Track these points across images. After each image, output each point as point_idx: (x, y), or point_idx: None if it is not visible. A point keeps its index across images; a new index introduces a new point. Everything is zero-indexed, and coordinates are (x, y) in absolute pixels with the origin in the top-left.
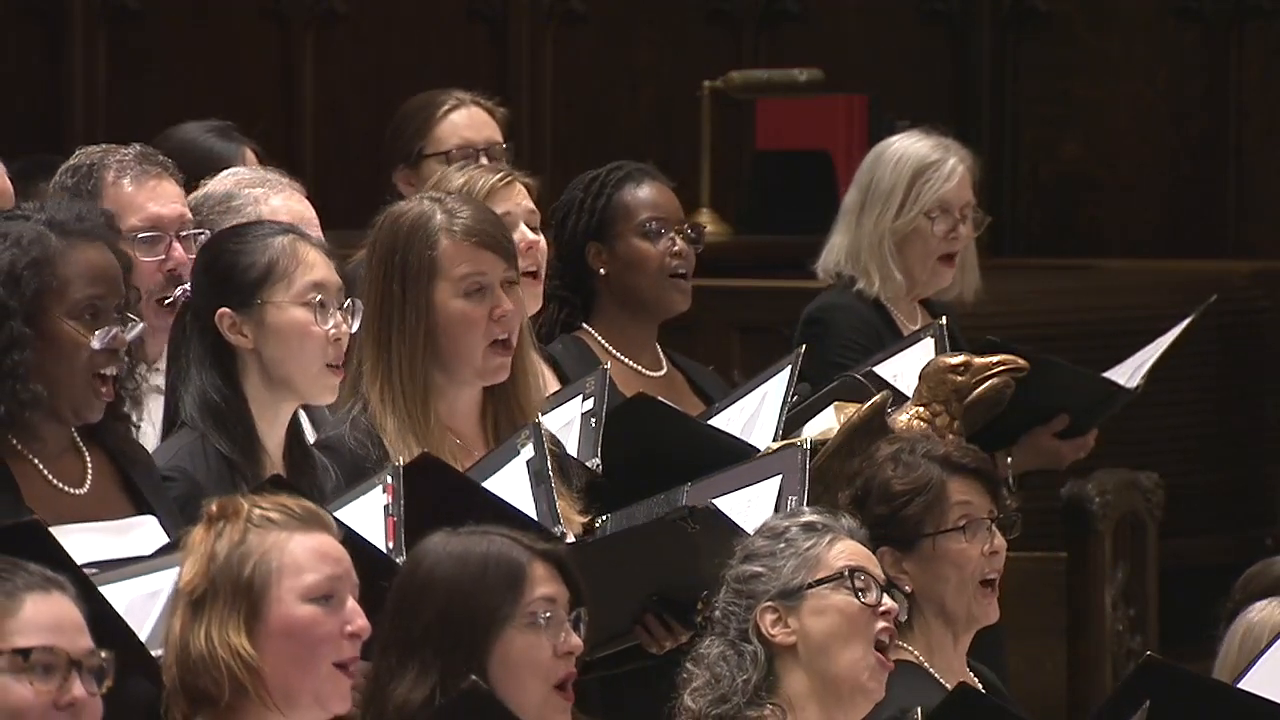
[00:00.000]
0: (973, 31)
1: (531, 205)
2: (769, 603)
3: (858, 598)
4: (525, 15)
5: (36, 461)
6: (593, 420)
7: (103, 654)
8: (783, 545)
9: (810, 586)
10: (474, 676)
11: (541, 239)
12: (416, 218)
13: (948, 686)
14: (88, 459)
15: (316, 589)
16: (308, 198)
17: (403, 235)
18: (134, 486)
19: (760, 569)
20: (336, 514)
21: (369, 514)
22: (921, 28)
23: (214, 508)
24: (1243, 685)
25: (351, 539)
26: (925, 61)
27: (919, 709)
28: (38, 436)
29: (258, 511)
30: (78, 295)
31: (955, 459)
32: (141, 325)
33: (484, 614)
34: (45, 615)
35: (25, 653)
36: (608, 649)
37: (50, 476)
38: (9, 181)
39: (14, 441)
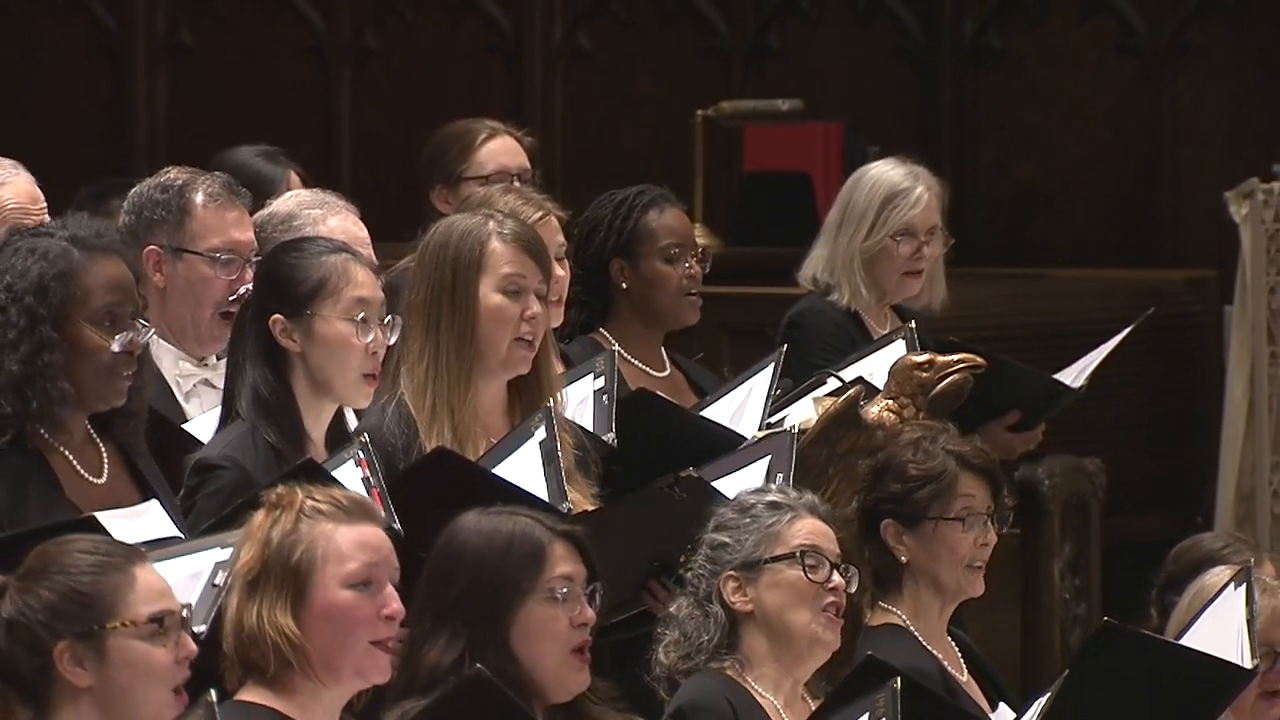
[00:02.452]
0: (936, 66)
1: (562, 239)
2: (731, 572)
3: (807, 575)
4: (537, 50)
5: (66, 453)
6: (604, 397)
7: (184, 608)
8: (748, 520)
9: (768, 561)
10: (490, 653)
11: (565, 271)
12: (471, 223)
13: (929, 648)
14: (103, 451)
15: (356, 576)
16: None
17: (456, 235)
18: (140, 476)
19: (727, 539)
20: None
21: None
22: (891, 63)
23: (273, 496)
24: (1185, 639)
25: None
26: (894, 93)
27: (898, 679)
28: (65, 429)
29: (310, 503)
30: (98, 303)
31: (969, 457)
32: (152, 330)
33: (507, 588)
34: (154, 583)
35: (159, 619)
36: (619, 615)
37: (78, 467)
38: (38, 189)
39: (45, 435)
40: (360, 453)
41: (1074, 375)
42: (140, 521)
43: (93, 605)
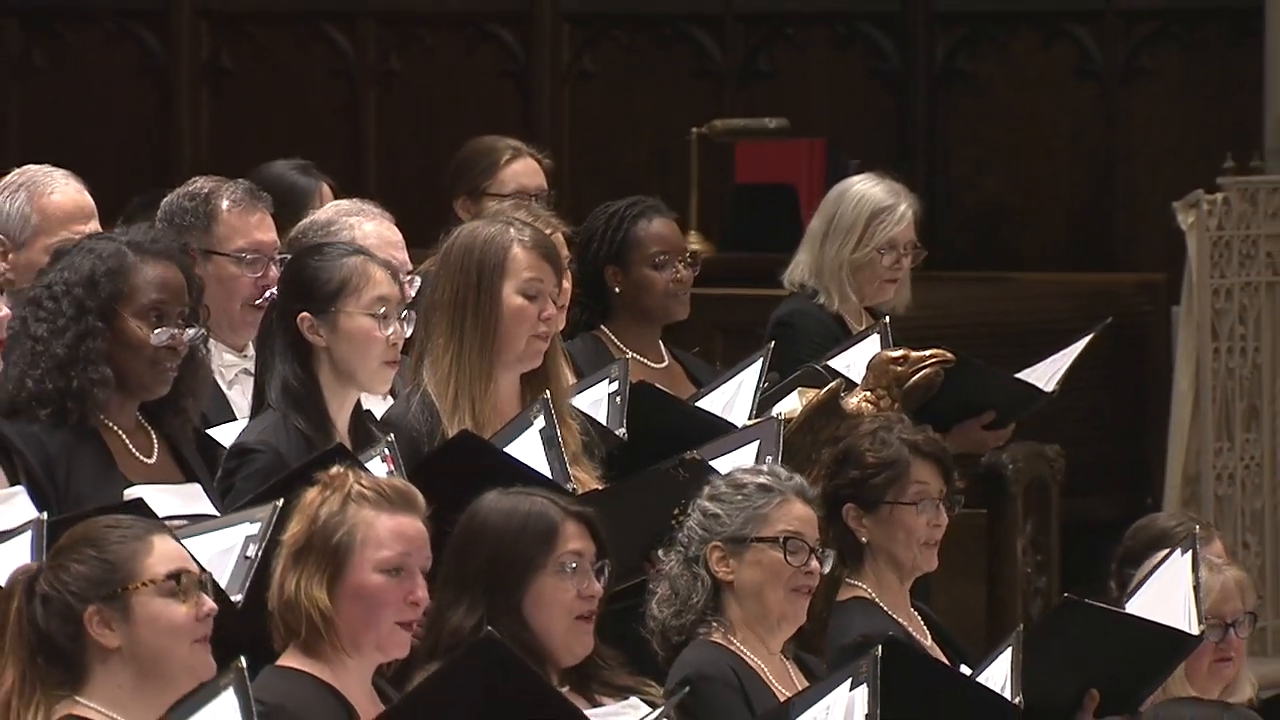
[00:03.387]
0: (911, 88)
1: (567, 252)
2: (718, 543)
3: (788, 559)
4: (546, 73)
5: (120, 434)
6: (618, 399)
7: (204, 572)
8: (740, 497)
9: (753, 541)
10: (500, 621)
11: (569, 284)
12: (493, 230)
13: (895, 618)
14: (153, 436)
15: (389, 563)
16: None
17: (480, 241)
18: (184, 460)
19: (719, 511)
20: None
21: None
22: (869, 84)
23: (327, 476)
24: (1134, 602)
25: None
26: (872, 112)
27: (880, 647)
28: (116, 412)
29: (358, 488)
30: (144, 300)
31: (922, 445)
32: (201, 330)
33: (522, 561)
34: (169, 547)
35: (176, 576)
36: (623, 584)
37: (129, 445)
38: (88, 198)
39: (103, 418)
40: (386, 449)
41: (1045, 378)
42: (184, 498)
43: (115, 570)
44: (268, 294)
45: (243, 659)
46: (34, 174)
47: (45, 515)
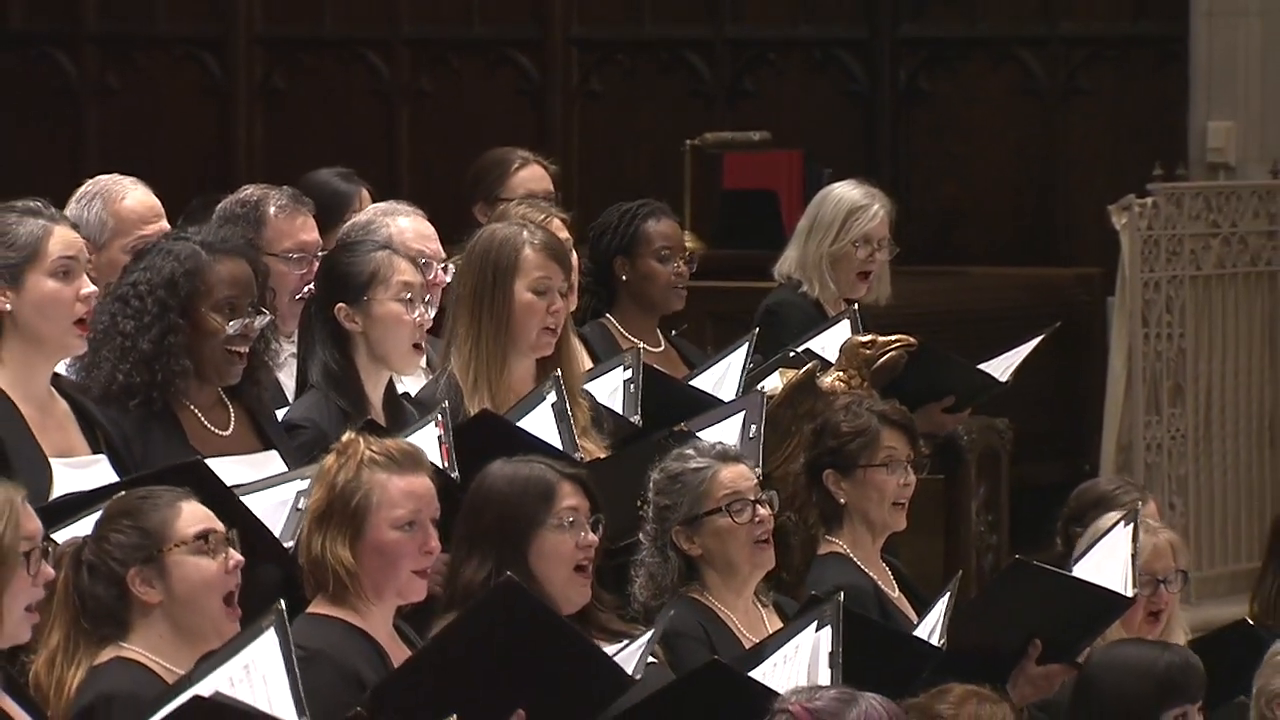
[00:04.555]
0: (877, 105)
1: (567, 234)
2: (678, 526)
3: (735, 520)
4: (558, 93)
5: (195, 411)
6: (632, 386)
7: (230, 529)
8: (678, 485)
9: (703, 516)
10: (510, 572)
11: (576, 259)
12: (507, 233)
13: (867, 571)
14: (231, 411)
15: (403, 520)
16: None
17: (496, 243)
18: (263, 430)
19: (669, 502)
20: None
21: (428, 442)
22: (841, 102)
23: (341, 444)
24: (1080, 567)
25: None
26: (844, 126)
27: (842, 593)
28: (195, 394)
29: (369, 454)
30: (219, 295)
31: (889, 414)
32: (269, 317)
33: (525, 519)
34: (197, 510)
35: (204, 535)
36: (622, 541)
37: (205, 422)
38: (156, 200)
39: (181, 398)
40: (439, 415)
41: (1001, 370)
42: (258, 467)
43: (151, 535)
44: (307, 289)
45: (282, 602)
46: (107, 183)
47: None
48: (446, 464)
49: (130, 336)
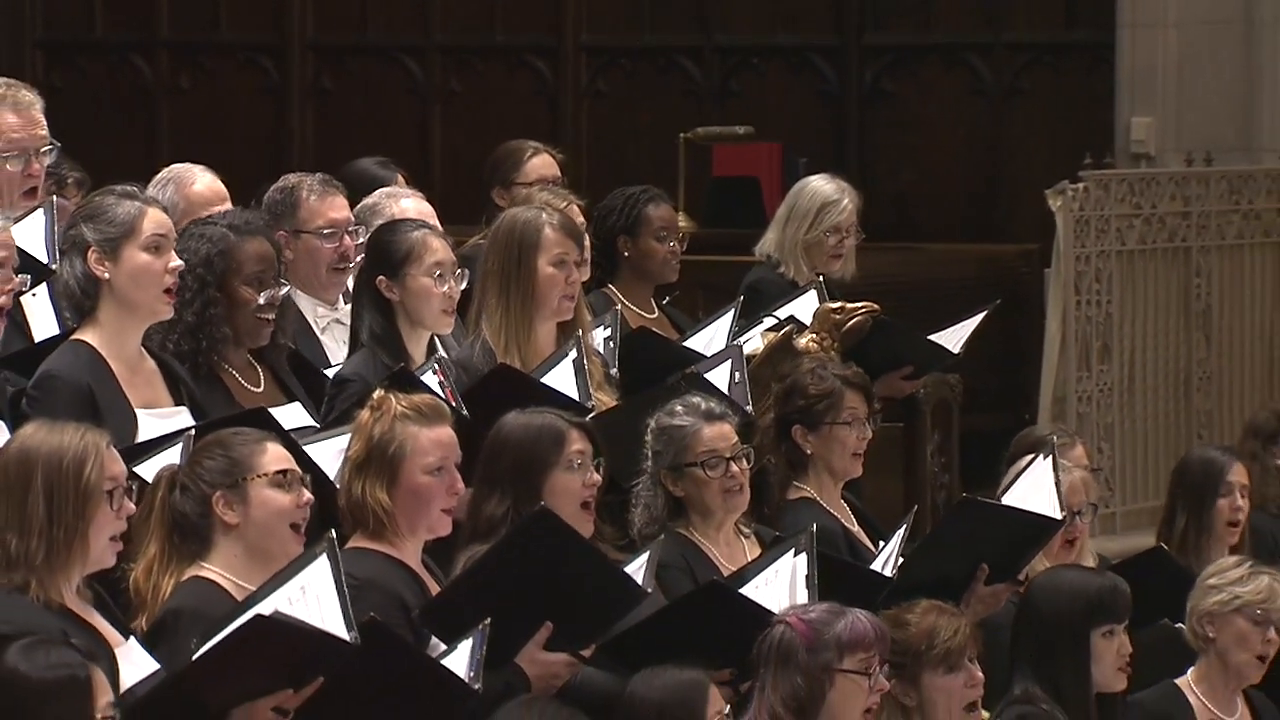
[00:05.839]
0: (846, 104)
1: (582, 219)
2: (665, 471)
3: (708, 474)
4: (569, 92)
5: (233, 371)
6: (610, 343)
7: (306, 473)
8: (666, 437)
9: (685, 466)
10: (543, 503)
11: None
12: (529, 215)
13: (830, 511)
14: (260, 371)
15: (432, 466)
16: (429, 200)
17: (520, 224)
18: (285, 385)
19: (659, 449)
20: None
21: (432, 385)
22: (815, 101)
23: (375, 399)
24: (1009, 495)
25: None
26: (816, 122)
27: (815, 524)
28: (231, 357)
29: (400, 409)
30: (249, 271)
31: (850, 378)
32: (289, 287)
33: (538, 461)
34: (278, 450)
35: (283, 473)
36: (633, 482)
37: (242, 381)
38: (222, 186)
39: (221, 362)
40: (436, 364)
41: (953, 343)
42: (289, 415)
43: (237, 464)
44: (348, 259)
45: (333, 530)
46: (178, 170)
47: (192, 431)
48: (454, 404)
49: (176, 310)
